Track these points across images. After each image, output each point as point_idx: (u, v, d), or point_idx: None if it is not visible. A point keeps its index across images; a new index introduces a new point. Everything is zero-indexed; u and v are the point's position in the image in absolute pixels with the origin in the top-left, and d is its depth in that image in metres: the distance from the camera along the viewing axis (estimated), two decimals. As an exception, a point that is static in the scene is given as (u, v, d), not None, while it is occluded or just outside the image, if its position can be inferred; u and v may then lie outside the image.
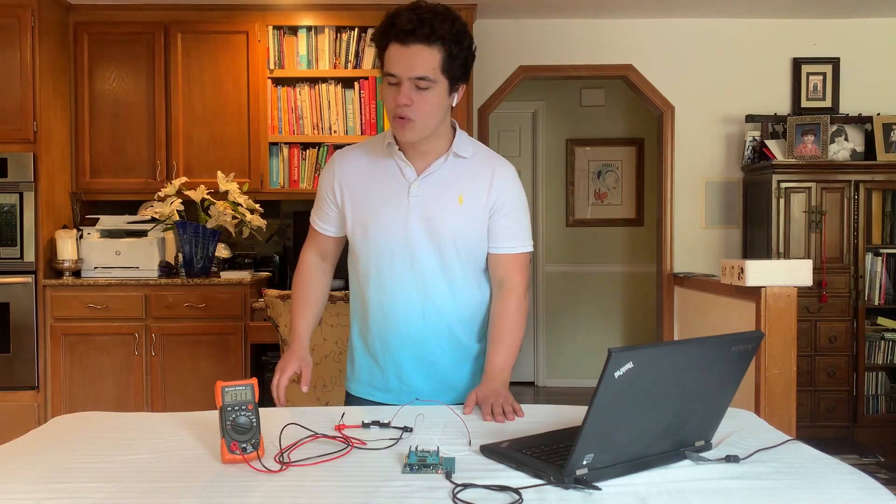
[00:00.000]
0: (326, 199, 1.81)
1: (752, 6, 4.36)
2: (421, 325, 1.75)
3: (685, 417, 1.22)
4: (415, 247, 1.71)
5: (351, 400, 1.87)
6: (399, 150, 1.72)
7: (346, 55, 4.11)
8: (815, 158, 4.25)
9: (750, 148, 4.46)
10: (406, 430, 1.41)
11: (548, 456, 1.19)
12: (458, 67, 1.63)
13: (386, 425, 1.45)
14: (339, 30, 4.11)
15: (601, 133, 5.82)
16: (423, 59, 1.58)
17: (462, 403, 1.68)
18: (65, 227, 3.99)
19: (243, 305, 3.79)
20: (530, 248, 1.81)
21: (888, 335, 4.31)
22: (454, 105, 1.71)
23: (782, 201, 4.20)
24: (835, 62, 4.57)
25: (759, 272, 2.93)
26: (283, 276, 4.34)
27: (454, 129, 1.77)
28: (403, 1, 1.68)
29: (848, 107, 4.56)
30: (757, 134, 4.45)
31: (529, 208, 1.90)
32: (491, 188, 1.73)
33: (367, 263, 1.76)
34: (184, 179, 3.98)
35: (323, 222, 1.84)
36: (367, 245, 1.75)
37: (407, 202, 1.71)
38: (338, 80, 4.12)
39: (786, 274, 2.91)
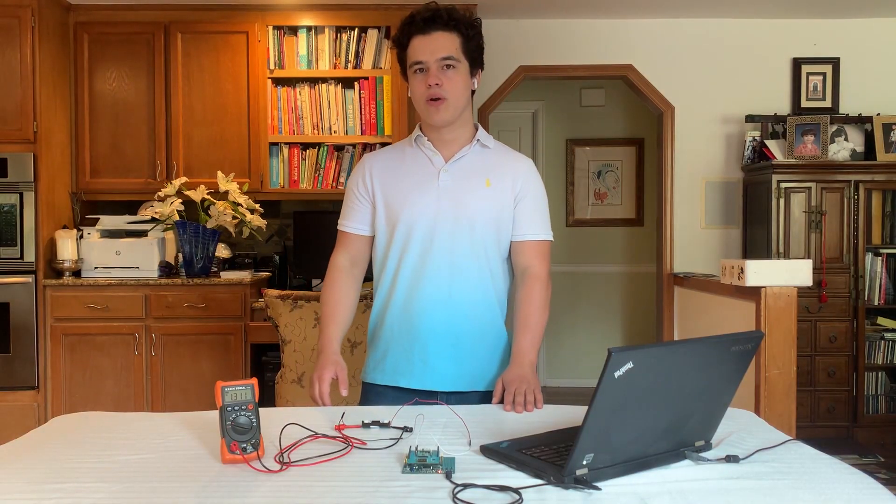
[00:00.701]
0: (357, 196, 1.87)
1: (752, 6, 4.36)
2: (448, 309, 1.78)
3: (685, 417, 1.22)
4: (444, 229, 1.78)
5: (370, 390, 1.88)
6: (427, 140, 1.83)
7: (346, 55, 4.11)
8: (815, 158, 4.25)
9: (750, 148, 4.46)
10: (406, 430, 1.41)
11: (548, 456, 1.19)
12: (475, 49, 1.80)
13: (386, 425, 1.45)
14: (339, 30, 4.11)
15: (601, 133, 5.82)
16: (446, 42, 1.75)
17: (488, 391, 1.75)
18: (65, 227, 3.99)
19: (243, 305, 3.79)
20: (552, 237, 1.89)
21: (888, 335, 4.31)
22: (475, 90, 1.84)
23: (782, 201, 4.20)
24: (835, 62, 4.57)
25: (759, 272, 2.93)
26: (282, 276, 4.34)
27: (476, 125, 1.89)
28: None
29: (848, 107, 4.56)
30: (757, 134, 4.45)
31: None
32: (517, 176, 1.84)
33: (398, 249, 1.81)
34: (184, 179, 3.98)
35: (354, 222, 1.88)
36: (398, 230, 1.80)
37: (437, 186, 1.80)
38: (338, 80, 4.12)
39: (786, 274, 2.91)
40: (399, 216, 1.80)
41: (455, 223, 1.78)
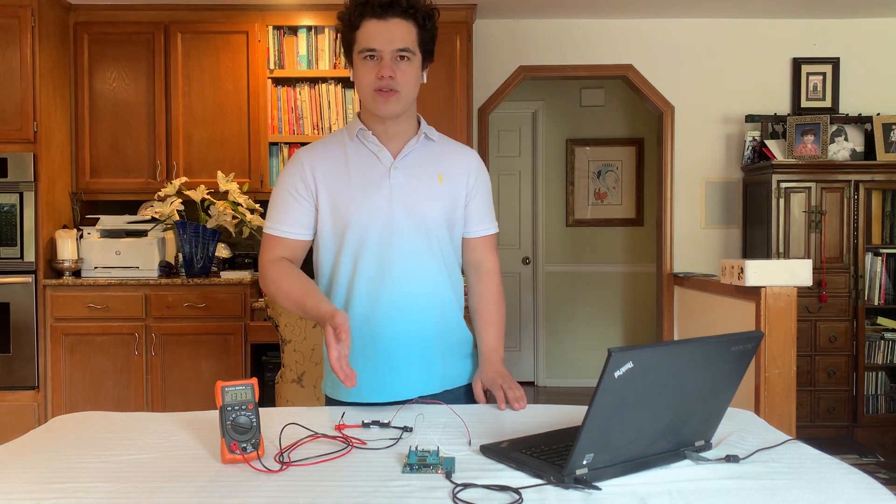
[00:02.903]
0: (295, 196, 1.69)
1: (752, 6, 4.36)
2: (414, 315, 1.69)
3: (685, 417, 1.22)
4: (400, 230, 1.67)
5: (334, 404, 1.75)
6: (372, 134, 1.69)
7: (346, 55, 4.11)
8: (814, 158, 4.25)
9: (750, 148, 4.46)
10: (406, 430, 1.41)
11: (548, 456, 1.19)
12: (429, 42, 1.68)
13: (386, 425, 1.45)
14: (339, 30, 4.10)
15: (601, 133, 5.82)
16: (403, 32, 1.62)
17: (457, 387, 1.73)
18: (65, 227, 3.99)
19: (243, 305, 3.79)
20: (498, 229, 1.86)
21: (888, 335, 4.31)
22: (424, 82, 1.72)
23: (782, 201, 4.20)
24: (835, 62, 4.57)
25: (759, 272, 2.93)
26: (283, 276, 4.33)
27: (417, 116, 1.77)
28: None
29: (848, 107, 4.56)
30: (757, 134, 4.45)
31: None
32: (469, 172, 1.77)
33: (352, 256, 1.68)
34: (184, 179, 3.98)
35: (289, 225, 1.69)
36: (348, 234, 1.67)
37: (388, 184, 1.67)
38: (338, 80, 4.12)
39: (786, 274, 2.91)
40: (350, 219, 1.65)
41: (412, 224, 1.67)
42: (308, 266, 1.76)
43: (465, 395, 1.77)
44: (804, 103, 4.56)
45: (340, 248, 1.68)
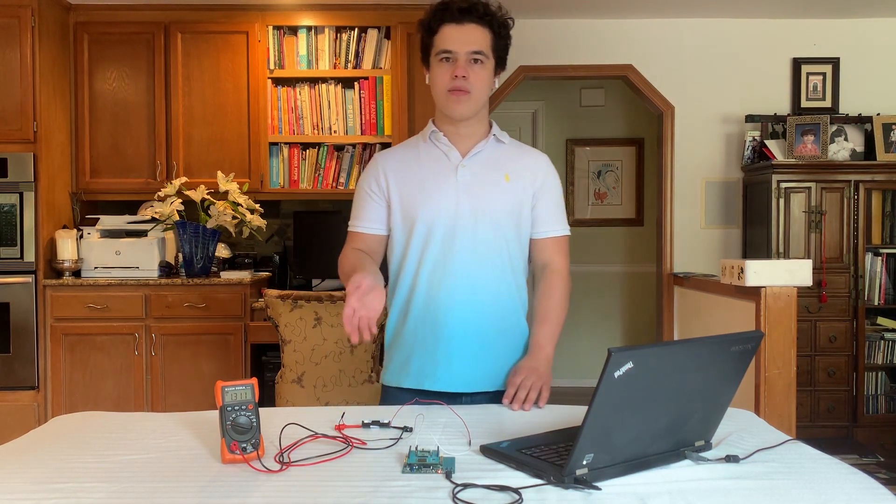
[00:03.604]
0: (370, 195, 1.82)
1: (752, 6, 4.36)
2: (473, 307, 1.75)
3: (685, 417, 1.22)
4: (466, 225, 1.74)
5: (389, 393, 1.83)
6: (443, 135, 1.79)
7: (346, 55, 4.11)
8: (814, 158, 4.25)
9: (750, 148, 4.46)
10: (406, 430, 1.41)
11: (548, 456, 1.19)
12: (502, 49, 1.77)
13: (386, 425, 1.45)
14: (339, 30, 4.11)
15: (601, 133, 5.82)
16: (478, 35, 1.72)
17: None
18: (65, 227, 3.99)
19: (243, 305, 3.79)
20: (569, 233, 1.88)
21: (888, 335, 4.31)
22: (496, 88, 1.83)
23: (782, 201, 4.20)
24: (835, 62, 4.57)
25: (759, 272, 2.93)
26: (282, 276, 4.34)
27: (490, 121, 1.86)
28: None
29: (848, 107, 4.56)
30: (757, 134, 4.45)
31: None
32: (535, 172, 1.82)
33: (418, 248, 1.76)
34: (184, 179, 3.98)
35: (366, 221, 1.83)
36: (417, 229, 1.75)
37: (455, 182, 1.76)
38: (338, 80, 4.12)
39: (786, 274, 2.91)
40: (417, 213, 1.75)
41: (476, 218, 1.74)
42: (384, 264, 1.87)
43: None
44: (804, 103, 4.56)
45: (408, 242, 1.78)
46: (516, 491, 1.08)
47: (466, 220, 1.74)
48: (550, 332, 1.78)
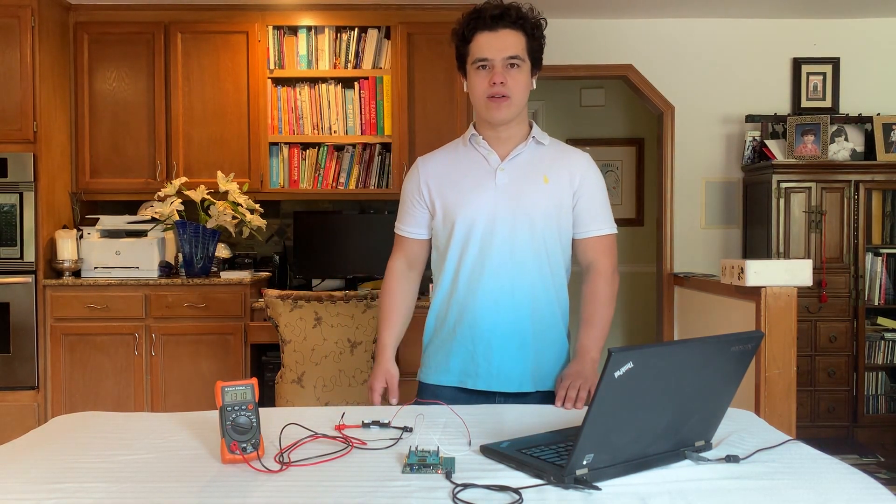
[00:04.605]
0: (413, 201, 1.87)
1: (752, 6, 4.36)
2: (510, 307, 1.77)
3: (685, 417, 1.22)
4: (503, 227, 1.76)
5: (427, 390, 1.85)
6: (482, 139, 1.81)
7: (346, 55, 4.11)
8: (815, 158, 4.25)
9: (750, 148, 4.46)
10: (406, 430, 1.41)
11: (548, 456, 1.19)
12: (537, 50, 1.78)
13: (386, 425, 1.45)
14: (339, 30, 4.11)
15: (601, 133, 5.82)
16: (513, 41, 1.73)
17: (550, 391, 1.76)
18: (65, 227, 3.99)
19: (243, 305, 3.79)
20: (615, 230, 1.90)
21: (888, 335, 4.31)
22: (534, 88, 1.84)
23: (782, 201, 4.20)
24: (835, 62, 4.57)
25: (759, 272, 2.93)
26: (282, 275, 4.34)
27: (530, 122, 1.87)
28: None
29: (848, 107, 4.56)
30: (757, 134, 4.45)
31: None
32: (574, 172, 1.82)
33: (457, 249, 1.79)
34: (184, 179, 3.98)
35: (411, 226, 1.88)
36: (456, 231, 1.78)
37: (494, 185, 1.78)
38: (338, 80, 4.12)
39: (786, 274, 2.91)
40: (457, 216, 1.78)
41: (514, 220, 1.76)
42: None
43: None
44: (804, 103, 4.56)
45: (448, 243, 1.81)
46: (516, 491, 1.08)
47: (504, 222, 1.76)
48: (595, 335, 1.80)
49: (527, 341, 1.79)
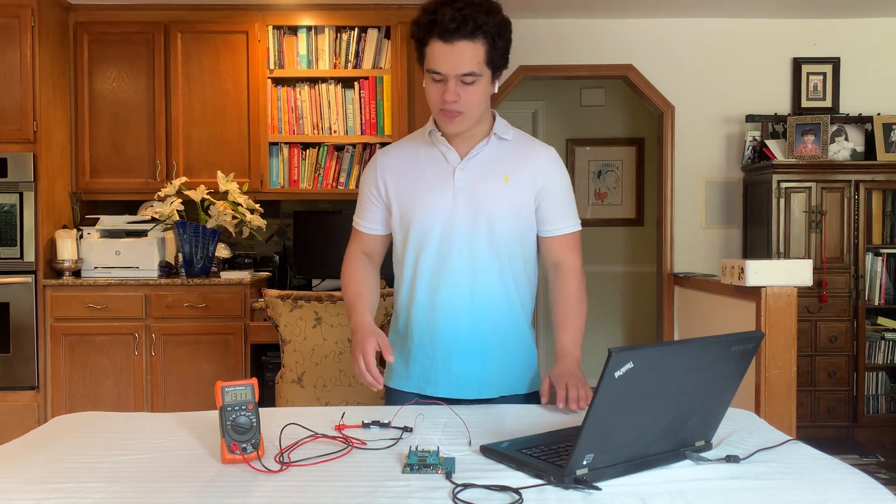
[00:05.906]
0: (370, 196, 1.81)
1: (752, 6, 4.36)
2: (471, 314, 1.71)
3: (685, 417, 1.22)
4: (462, 229, 1.70)
5: (395, 395, 1.81)
6: (441, 135, 1.73)
7: (346, 55, 4.11)
8: (815, 158, 4.25)
9: (750, 148, 4.46)
10: (406, 430, 1.41)
11: (548, 456, 1.19)
12: (500, 57, 1.65)
13: (386, 425, 1.45)
14: (339, 30, 4.11)
15: (601, 133, 5.82)
16: (469, 56, 1.59)
17: (514, 395, 1.73)
18: (65, 227, 3.99)
19: (243, 305, 3.79)
20: (580, 227, 1.82)
21: (888, 335, 4.31)
22: (495, 92, 1.74)
23: (782, 201, 4.20)
24: (835, 62, 4.57)
25: (760, 272, 2.93)
26: (282, 275, 4.34)
27: (493, 115, 1.79)
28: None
29: (848, 107, 4.56)
30: (757, 134, 4.45)
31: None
32: (536, 169, 1.75)
33: (414, 252, 1.73)
34: (184, 179, 3.98)
35: (367, 221, 1.83)
36: (413, 233, 1.73)
37: (452, 185, 1.71)
38: (338, 80, 4.12)
39: (786, 274, 2.91)
40: (413, 218, 1.72)
41: (473, 223, 1.69)
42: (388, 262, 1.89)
43: (523, 403, 1.75)
44: (804, 103, 4.56)
45: (405, 245, 1.76)
46: (516, 491, 1.08)
47: (463, 224, 1.70)
48: (574, 336, 1.74)
49: (488, 348, 1.73)
